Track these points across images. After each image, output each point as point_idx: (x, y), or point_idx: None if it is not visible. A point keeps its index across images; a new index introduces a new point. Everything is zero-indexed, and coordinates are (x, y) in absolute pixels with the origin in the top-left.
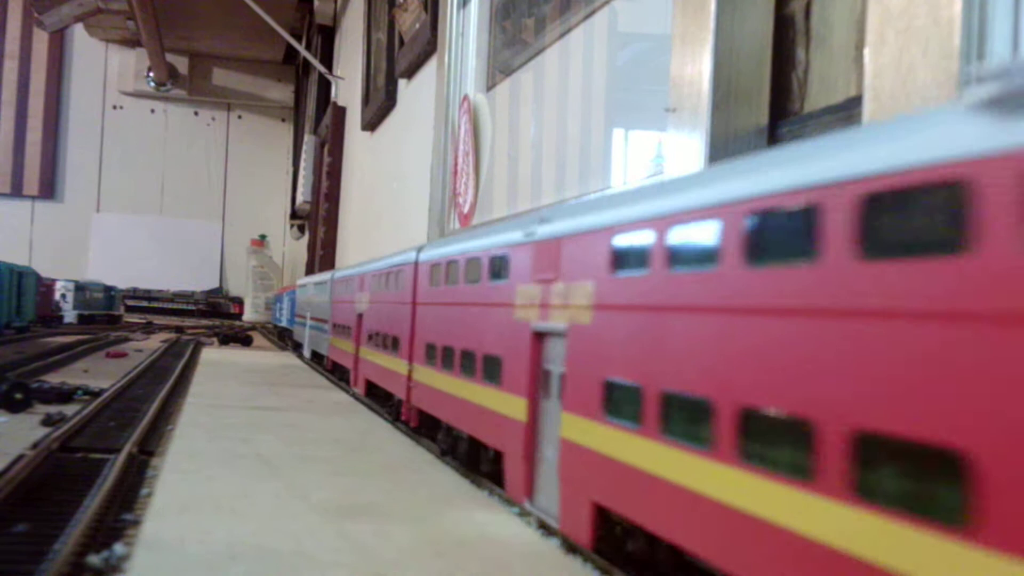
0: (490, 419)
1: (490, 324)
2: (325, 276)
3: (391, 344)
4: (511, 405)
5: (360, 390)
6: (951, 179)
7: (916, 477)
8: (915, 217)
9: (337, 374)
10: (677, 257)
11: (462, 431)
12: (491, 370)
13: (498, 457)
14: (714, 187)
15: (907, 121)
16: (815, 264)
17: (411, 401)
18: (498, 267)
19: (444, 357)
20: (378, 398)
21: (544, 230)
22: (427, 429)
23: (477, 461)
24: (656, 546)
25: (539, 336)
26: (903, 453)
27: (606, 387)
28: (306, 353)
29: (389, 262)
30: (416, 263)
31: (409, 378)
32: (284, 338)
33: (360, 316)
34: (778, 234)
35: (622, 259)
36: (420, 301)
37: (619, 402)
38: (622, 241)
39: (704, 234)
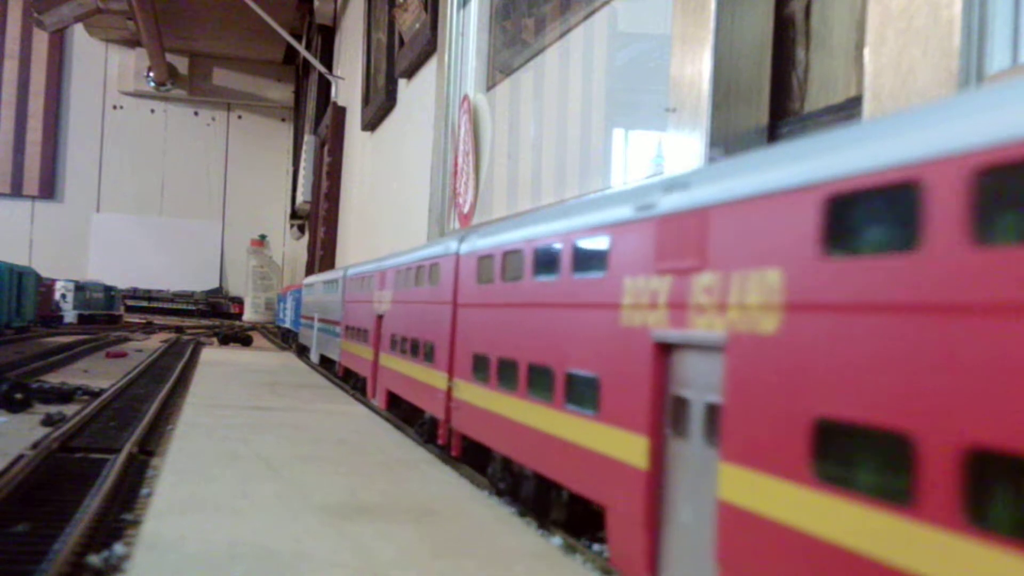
0: (579, 458)
1: (577, 331)
2: (336, 273)
3: (423, 352)
4: (619, 443)
5: (380, 403)
6: None
7: None
8: None
9: (351, 381)
10: None
11: (528, 468)
12: (580, 393)
13: (573, 501)
14: None
15: None
16: None
17: (452, 423)
18: (591, 256)
19: (501, 372)
20: (402, 410)
21: (675, 200)
22: (474, 458)
23: (546, 505)
24: None
25: (665, 349)
26: None
27: (821, 432)
28: (313, 357)
29: (420, 255)
30: (457, 255)
31: (449, 395)
32: (288, 340)
33: (380, 318)
34: None
35: (856, 230)
36: (464, 301)
37: (856, 458)
38: (857, 202)
39: None
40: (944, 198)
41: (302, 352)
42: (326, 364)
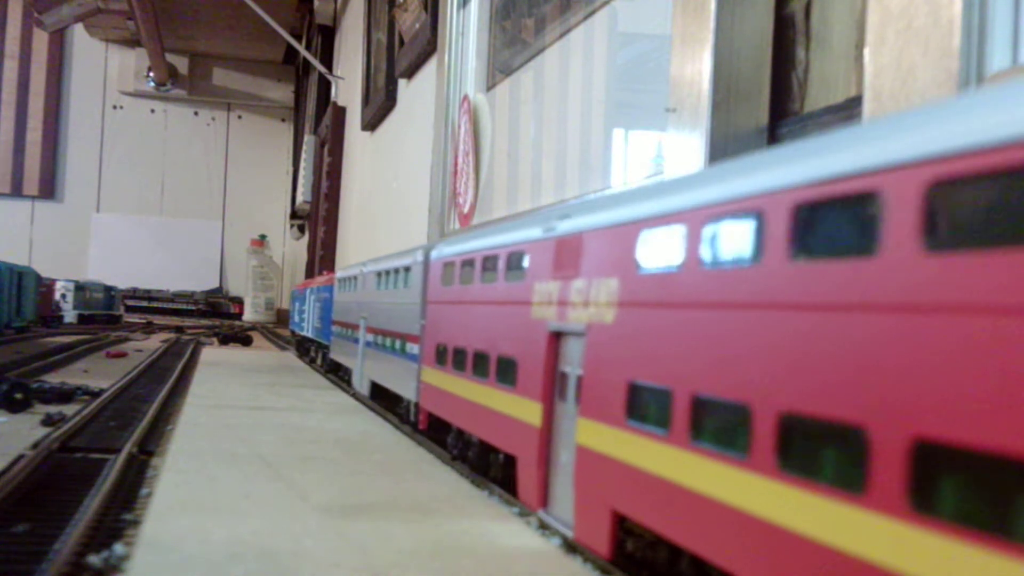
0: None
1: None
2: (406, 257)
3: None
4: None
5: (596, 543)
6: None
7: None
8: None
9: (449, 437)
10: None
11: None
12: None
13: None
14: None
15: None
16: None
17: None
18: None
19: None
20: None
21: None
22: None
23: None
24: None
25: None
26: None
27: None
28: (357, 385)
29: (770, 181)
30: None
31: None
32: (307, 350)
33: (557, 338)
34: None
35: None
36: None
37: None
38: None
39: None
40: None
41: (333, 371)
42: (378, 395)
